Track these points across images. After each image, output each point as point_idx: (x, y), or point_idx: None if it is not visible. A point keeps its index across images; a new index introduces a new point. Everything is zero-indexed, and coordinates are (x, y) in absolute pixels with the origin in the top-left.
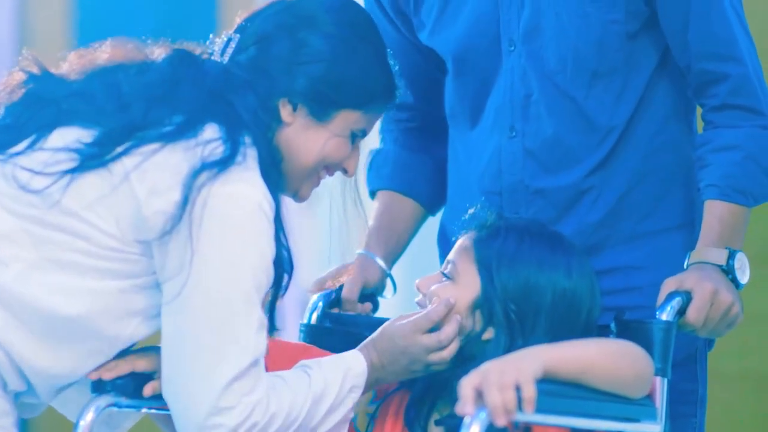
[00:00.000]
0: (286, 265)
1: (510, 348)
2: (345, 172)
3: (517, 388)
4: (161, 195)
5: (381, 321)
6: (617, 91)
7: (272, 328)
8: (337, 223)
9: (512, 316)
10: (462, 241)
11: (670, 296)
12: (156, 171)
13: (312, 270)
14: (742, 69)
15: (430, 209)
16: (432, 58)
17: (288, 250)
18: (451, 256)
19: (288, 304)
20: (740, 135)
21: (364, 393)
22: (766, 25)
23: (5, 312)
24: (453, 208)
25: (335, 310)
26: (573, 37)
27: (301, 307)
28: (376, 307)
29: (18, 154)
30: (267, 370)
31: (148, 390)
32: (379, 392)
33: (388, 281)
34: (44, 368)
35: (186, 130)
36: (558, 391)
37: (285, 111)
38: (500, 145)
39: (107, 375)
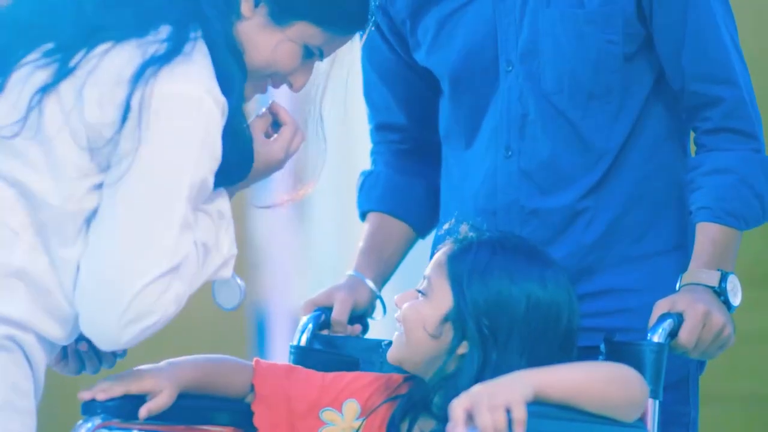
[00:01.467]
0: (246, 155)
1: (485, 363)
2: (291, 86)
3: (508, 410)
4: (110, 103)
5: (371, 343)
6: (613, 113)
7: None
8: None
9: (485, 331)
10: (437, 256)
11: (662, 318)
12: (104, 81)
13: (304, 285)
14: (737, 92)
15: (421, 232)
16: (427, 79)
17: (249, 140)
18: (426, 271)
19: (278, 324)
20: (733, 158)
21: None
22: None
23: (27, 289)
24: None
25: (325, 332)
26: (570, 57)
27: (291, 328)
28: (365, 329)
29: None
30: (255, 391)
31: (143, 412)
32: (364, 409)
33: (378, 303)
34: (67, 336)
35: (137, 28)
36: (548, 413)
37: (246, 4)
38: (496, 165)
39: (101, 396)
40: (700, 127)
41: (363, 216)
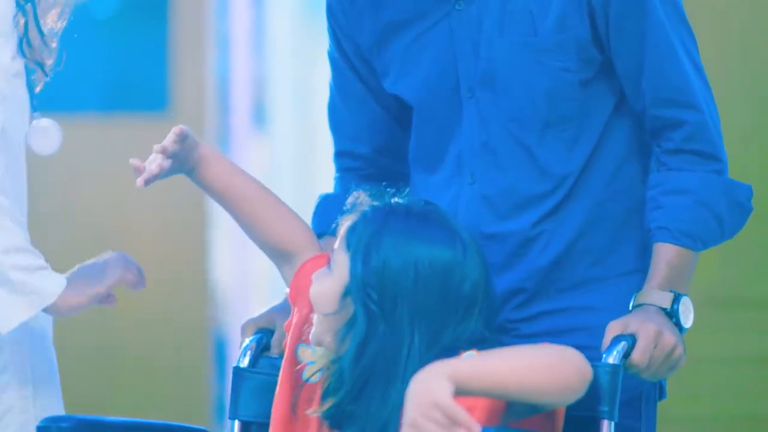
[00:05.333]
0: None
1: (371, 331)
2: None
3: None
4: None
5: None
6: (570, 139)
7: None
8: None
9: (371, 305)
10: (341, 230)
11: (616, 340)
12: None
13: (265, 306)
14: (699, 116)
15: None
16: (393, 108)
17: None
18: (335, 244)
19: (238, 345)
20: (693, 179)
21: None
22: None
23: None
24: None
25: (265, 354)
26: (525, 85)
27: None
28: None
29: None
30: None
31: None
32: None
33: None
34: None
35: None
36: None
37: None
38: (459, 191)
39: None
40: (662, 146)
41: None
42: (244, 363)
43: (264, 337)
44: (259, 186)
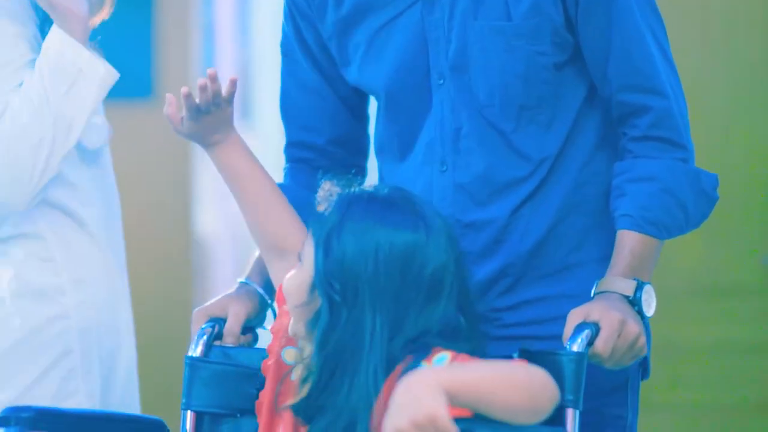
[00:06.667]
0: None
1: (333, 320)
2: None
3: None
4: None
5: (264, 352)
6: (546, 123)
7: None
8: None
9: (334, 295)
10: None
11: (580, 328)
12: None
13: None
14: (665, 102)
15: None
16: (348, 100)
17: None
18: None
19: None
20: (658, 167)
21: None
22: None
23: None
24: None
25: (217, 342)
26: (500, 70)
27: None
28: (255, 339)
29: None
30: None
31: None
32: None
33: (269, 312)
34: None
35: None
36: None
37: None
38: (431, 179)
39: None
40: (628, 133)
41: None
42: (197, 352)
43: (216, 325)
44: (272, 181)
